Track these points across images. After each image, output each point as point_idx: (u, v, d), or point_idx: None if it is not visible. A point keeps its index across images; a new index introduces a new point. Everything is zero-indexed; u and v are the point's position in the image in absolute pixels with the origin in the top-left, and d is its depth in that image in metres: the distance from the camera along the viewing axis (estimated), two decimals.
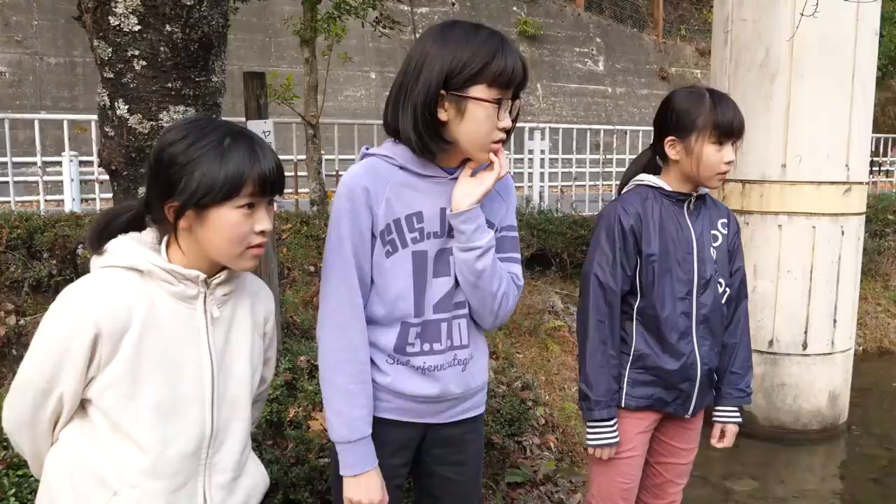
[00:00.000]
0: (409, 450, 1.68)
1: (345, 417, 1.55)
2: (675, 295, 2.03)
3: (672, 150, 2.02)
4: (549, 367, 4.55)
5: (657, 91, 14.99)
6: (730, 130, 1.95)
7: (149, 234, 1.40)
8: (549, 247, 5.60)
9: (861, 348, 6.48)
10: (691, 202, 2.08)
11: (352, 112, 12.98)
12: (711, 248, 2.07)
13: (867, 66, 4.51)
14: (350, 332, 1.55)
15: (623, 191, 2.14)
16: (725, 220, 2.14)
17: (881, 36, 9.25)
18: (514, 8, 14.43)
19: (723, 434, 2.24)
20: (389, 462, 1.62)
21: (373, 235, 1.54)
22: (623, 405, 2.10)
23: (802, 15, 4.27)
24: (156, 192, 1.34)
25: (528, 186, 7.29)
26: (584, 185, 8.05)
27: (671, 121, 2.01)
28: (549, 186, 7.57)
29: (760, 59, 4.50)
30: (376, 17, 5.66)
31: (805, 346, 4.59)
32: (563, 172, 7.56)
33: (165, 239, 1.38)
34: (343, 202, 1.53)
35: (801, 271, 4.53)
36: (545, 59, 14.53)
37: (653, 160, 2.12)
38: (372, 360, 1.59)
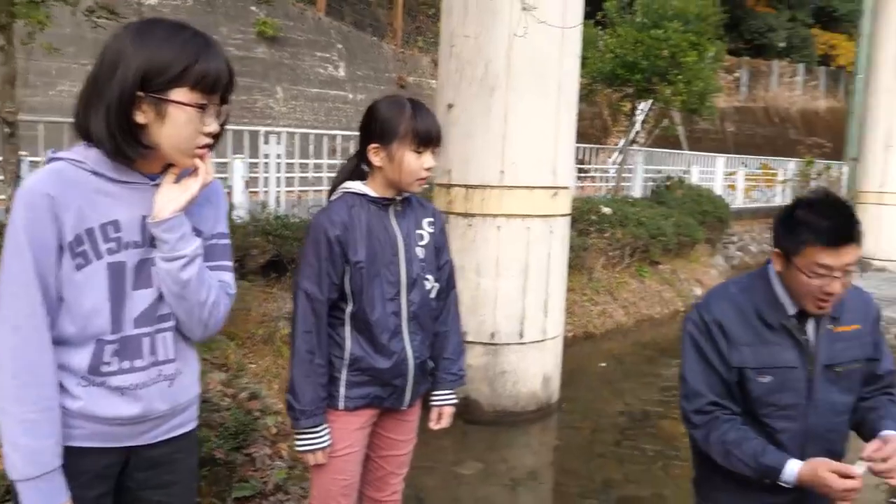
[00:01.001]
0: (108, 478, 1.57)
1: (25, 451, 1.41)
2: (384, 297, 2.13)
3: (376, 156, 2.12)
4: (284, 374, 4.52)
5: None
6: (428, 138, 2.09)
7: None
8: (285, 253, 5.55)
9: (570, 334, 7.33)
10: (397, 205, 2.20)
11: (66, 109, 11.69)
12: (418, 248, 2.21)
13: (571, 83, 5.11)
14: (31, 353, 1.41)
15: (332, 198, 2.20)
16: (431, 219, 2.29)
17: (586, 58, 10.54)
18: (253, 7, 14.07)
19: (440, 416, 2.39)
20: (85, 495, 1.50)
21: (60, 247, 1.42)
22: (342, 407, 2.16)
23: (515, 35, 4.73)
24: None
25: (264, 191, 7.17)
26: (322, 190, 8.14)
27: (375, 129, 2.11)
28: (286, 191, 7.51)
29: (481, 73, 4.89)
30: (90, 7, 5.15)
31: (522, 336, 5.08)
32: (300, 177, 7.56)
33: None
34: (21, 212, 1.40)
35: (518, 268, 5.01)
36: (285, 61, 14.37)
37: (359, 167, 2.21)
38: (61, 385, 1.46)
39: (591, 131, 17.71)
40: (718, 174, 14.11)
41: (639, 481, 4.37)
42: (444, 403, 2.38)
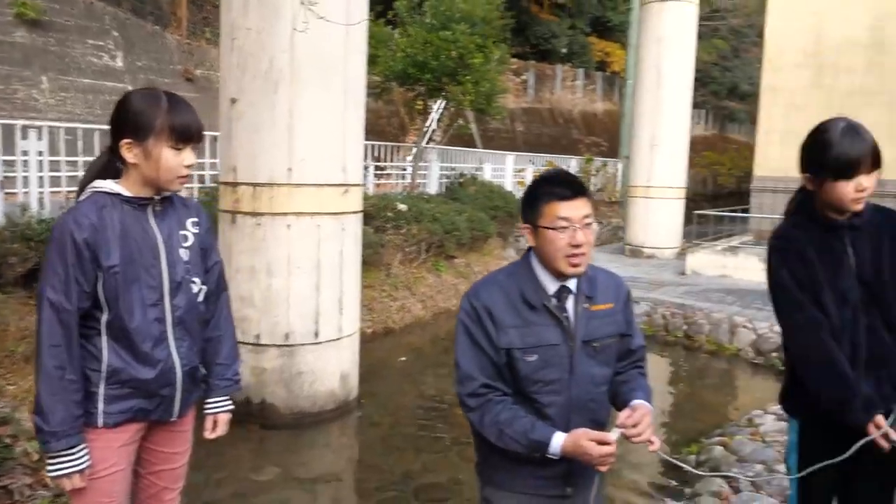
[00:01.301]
0: None
1: None
2: (145, 302, 2.01)
3: (129, 153, 1.98)
4: None
5: (184, 93, 14.71)
6: (188, 134, 1.99)
7: None
8: None
9: (370, 330, 7.40)
10: (156, 205, 2.07)
11: None
12: (181, 250, 2.09)
13: (358, 81, 5.13)
14: None
15: (80, 198, 2.03)
16: (196, 219, 2.18)
17: (378, 56, 10.66)
18: None
19: (215, 424, 2.30)
20: None
21: None
22: (101, 424, 2.01)
23: (296, 30, 4.66)
24: None
25: (24, 192, 6.45)
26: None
27: (127, 123, 1.97)
28: (52, 192, 6.81)
29: (265, 68, 4.76)
30: None
31: (317, 335, 5.04)
32: (68, 176, 6.88)
33: None
34: None
35: (310, 266, 4.96)
36: (51, 48, 13.03)
37: (111, 164, 2.05)
38: None
39: (389, 129, 17.97)
40: (509, 171, 14.94)
41: (436, 469, 4.51)
42: (220, 410, 2.29)
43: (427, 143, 14.18)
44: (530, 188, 1.97)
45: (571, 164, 17.87)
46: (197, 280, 2.14)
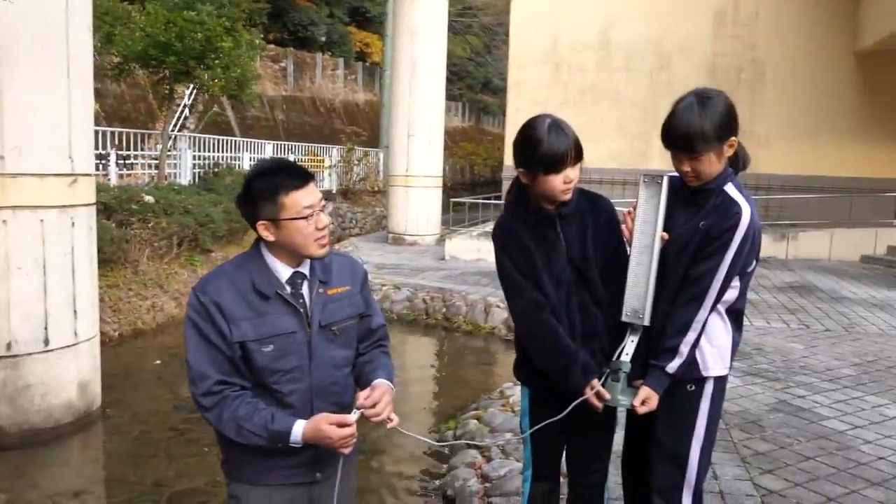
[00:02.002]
0: None
1: None
2: None
3: None
4: None
5: None
6: None
7: None
8: None
9: (117, 333, 6.87)
10: None
11: None
12: None
13: (83, 59, 4.68)
14: None
15: None
16: None
17: (114, 35, 9.84)
18: None
19: None
20: None
21: None
22: None
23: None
24: None
25: None
26: None
27: None
28: None
29: None
30: None
31: (47, 342, 4.57)
32: None
33: None
34: None
35: (34, 266, 4.47)
36: None
37: None
38: None
39: (136, 115, 16.68)
40: None
41: (192, 474, 4.33)
42: None
43: (179, 130, 13.38)
44: (256, 184, 1.90)
45: (334, 154, 17.92)
46: None
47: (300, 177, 1.91)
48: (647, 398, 2.24)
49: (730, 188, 2.22)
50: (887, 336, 6.81)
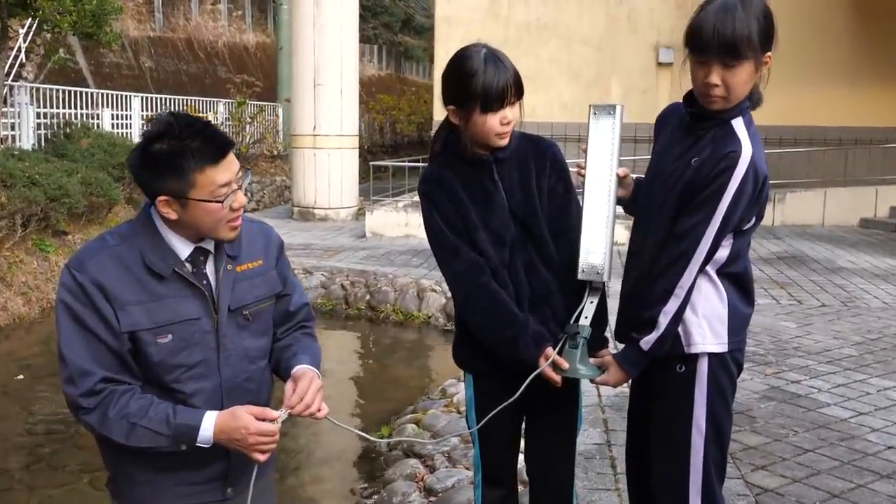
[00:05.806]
0: None
1: None
2: None
3: None
4: None
5: None
6: None
7: None
8: None
9: None
10: None
11: None
12: None
13: None
14: None
15: None
16: None
17: None
18: None
19: None
20: None
21: None
22: None
23: None
24: None
25: None
26: None
27: None
28: None
29: None
30: None
31: None
32: None
33: None
34: None
35: None
36: None
37: None
38: None
39: None
40: (136, 118, 14.24)
41: None
42: None
43: (15, 80, 12.87)
44: (158, 148, 1.82)
45: (220, 110, 17.60)
46: None
47: (218, 146, 1.86)
48: (607, 371, 2.33)
49: (737, 123, 2.25)
50: (892, 310, 7.19)
